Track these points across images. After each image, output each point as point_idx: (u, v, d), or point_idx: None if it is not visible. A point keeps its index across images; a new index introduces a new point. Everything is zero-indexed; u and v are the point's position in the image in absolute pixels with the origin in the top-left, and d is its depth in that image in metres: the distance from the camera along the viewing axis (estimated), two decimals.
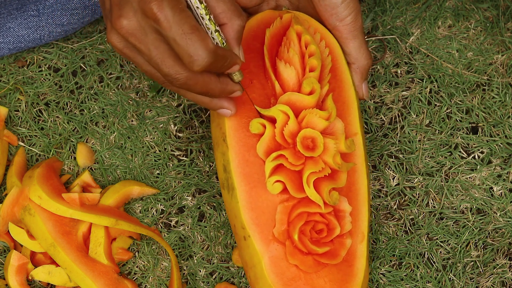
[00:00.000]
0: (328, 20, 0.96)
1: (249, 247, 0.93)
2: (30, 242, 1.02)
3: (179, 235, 1.06)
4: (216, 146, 0.95)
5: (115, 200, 1.04)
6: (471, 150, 1.07)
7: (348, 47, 0.97)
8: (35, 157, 1.07)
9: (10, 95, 1.08)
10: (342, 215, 0.94)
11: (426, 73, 1.09)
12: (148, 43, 0.83)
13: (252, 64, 0.95)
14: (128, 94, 1.08)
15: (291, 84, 0.93)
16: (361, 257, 0.94)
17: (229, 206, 0.94)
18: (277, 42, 0.96)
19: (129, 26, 0.82)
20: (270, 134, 0.92)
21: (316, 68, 0.93)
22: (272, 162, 0.91)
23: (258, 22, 0.96)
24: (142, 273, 1.05)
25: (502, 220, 1.06)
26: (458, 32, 1.10)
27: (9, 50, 1.07)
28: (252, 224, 0.92)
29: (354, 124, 0.96)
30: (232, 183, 0.93)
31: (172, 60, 0.83)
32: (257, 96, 0.94)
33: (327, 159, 0.92)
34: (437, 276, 1.05)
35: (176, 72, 0.84)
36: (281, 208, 0.92)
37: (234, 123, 0.93)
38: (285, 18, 0.96)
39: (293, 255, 0.92)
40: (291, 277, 0.92)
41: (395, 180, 1.07)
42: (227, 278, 1.05)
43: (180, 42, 0.81)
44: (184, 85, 0.85)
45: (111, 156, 1.07)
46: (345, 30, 0.96)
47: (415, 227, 1.06)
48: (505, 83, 1.09)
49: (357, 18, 0.96)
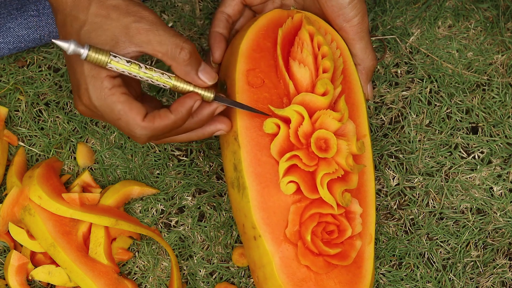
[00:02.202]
0: (335, 20, 0.96)
1: (259, 247, 0.93)
2: (30, 242, 1.02)
3: (179, 235, 1.06)
4: (226, 144, 0.94)
5: (115, 200, 1.04)
6: (471, 150, 1.07)
7: (355, 48, 0.97)
8: (35, 157, 1.07)
9: (10, 95, 1.08)
10: (353, 217, 0.94)
11: (426, 73, 1.09)
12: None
13: (263, 63, 0.94)
14: None
15: (304, 85, 0.93)
16: (369, 258, 0.95)
17: (238, 206, 0.94)
18: (289, 42, 0.96)
19: (83, 111, 0.89)
20: (284, 134, 0.92)
21: (329, 69, 0.93)
22: (286, 162, 0.91)
23: (268, 21, 0.96)
24: (142, 273, 1.05)
25: (502, 220, 1.06)
26: (458, 32, 1.10)
27: (9, 50, 1.07)
28: (263, 224, 0.92)
29: (363, 126, 0.96)
30: (244, 182, 0.92)
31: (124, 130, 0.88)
32: (269, 96, 0.94)
33: (340, 161, 0.92)
34: (437, 276, 1.05)
35: (136, 137, 0.88)
36: (294, 208, 0.92)
37: (246, 122, 0.93)
38: (296, 18, 0.96)
39: (305, 255, 0.92)
40: (302, 278, 0.92)
41: (395, 180, 1.07)
42: (227, 278, 1.05)
43: (117, 127, 0.87)
44: (151, 141, 0.89)
45: (111, 156, 1.07)
46: (352, 31, 0.96)
47: (415, 227, 1.06)
48: (505, 83, 1.09)
49: (364, 19, 0.96)
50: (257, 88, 0.93)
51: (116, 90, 0.85)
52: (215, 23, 0.98)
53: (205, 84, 0.88)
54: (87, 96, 0.86)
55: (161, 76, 0.87)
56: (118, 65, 0.85)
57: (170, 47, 0.86)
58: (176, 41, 0.86)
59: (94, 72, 0.85)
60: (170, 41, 0.86)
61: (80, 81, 0.86)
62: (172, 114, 0.87)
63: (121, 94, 0.85)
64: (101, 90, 0.85)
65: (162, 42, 0.86)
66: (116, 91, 0.85)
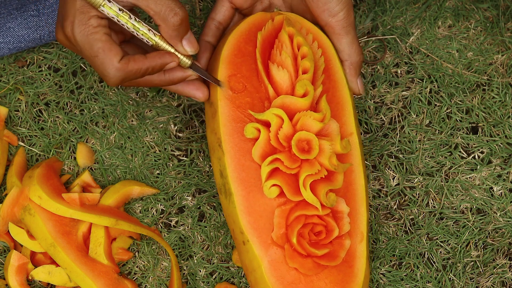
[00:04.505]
0: (320, 16, 0.96)
1: (248, 252, 0.93)
2: (30, 242, 1.02)
3: (179, 235, 1.06)
4: (212, 151, 0.95)
5: (115, 200, 1.04)
6: (471, 150, 1.07)
7: (341, 43, 0.97)
8: (35, 157, 1.07)
9: (10, 95, 1.08)
10: (340, 216, 0.94)
11: (426, 73, 1.09)
12: None
13: (245, 68, 0.95)
14: (128, 94, 1.08)
15: (284, 87, 0.93)
16: (361, 257, 0.94)
17: (227, 211, 0.94)
18: (270, 44, 0.96)
19: (62, 41, 0.91)
20: (265, 138, 0.92)
21: (309, 70, 0.93)
22: (268, 166, 0.91)
23: (250, 25, 0.96)
24: (142, 273, 1.05)
25: (502, 220, 1.06)
26: (458, 32, 1.10)
27: (9, 50, 1.07)
28: (250, 229, 0.92)
29: (349, 124, 0.96)
30: (229, 188, 0.92)
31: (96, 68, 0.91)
32: (251, 100, 0.94)
33: (323, 161, 0.92)
34: (437, 276, 1.05)
35: (108, 78, 0.90)
36: (279, 211, 0.92)
37: (229, 129, 0.93)
38: (276, 20, 0.96)
39: (293, 258, 0.92)
40: (291, 281, 0.92)
41: (395, 180, 1.07)
42: (227, 278, 1.05)
43: (91, 63, 0.89)
44: (121, 84, 0.91)
45: (111, 156, 1.07)
46: (338, 26, 0.97)
47: (415, 227, 1.06)
48: (505, 83, 1.09)
49: (349, 13, 0.97)
50: (239, 93, 0.94)
51: (100, 29, 0.88)
52: (204, 31, 1.00)
53: (186, 52, 0.92)
54: (71, 28, 0.88)
55: (147, 31, 0.90)
56: (110, 10, 0.88)
57: (164, 8, 0.88)
58: (171, 5, 0.89)
59: (85, 9, 0.88)
60: (166, 3, 0.88)
61: (68, 13, 0.88)
62: (146, 60, 0.90)
63: (103, 34, 0.88)
64: (86, 26, 0.88)
65: (158, 2, 0.88)
66: (100, 30, 0.88)
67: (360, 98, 1.08)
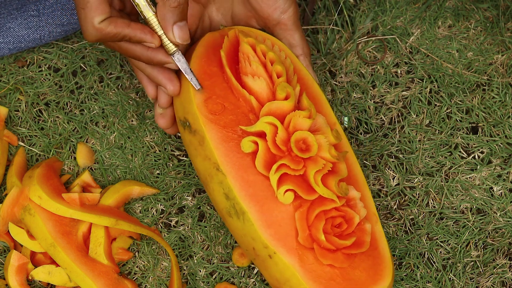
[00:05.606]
0: (272, 15, 0.98)
1: (277, 264, 0.93)
2: (30, 242, 1.02)
3: (179, 235, 1.06)
4: (210, 178, 0.94)
5: (115, 200, 1.04)
6: (471, 150, 1.07)
7: (295, 38, 1.00)
8: (35, 157, 1.07)
9: (10, 95, 1.08)
10: (354, 203, 0.95)
11: (426, 73, 1.09)
12: None
13: (217, 88, 0.95)
14: (128, 94, 1.08)
15: (265, 95, 0.94)
16: (381, 237, 0.96)
17: (241, 232, 0.94)
18: (232, 60, 0.96)
19: None
20: (264, 148, 0.92)
21: (282, 73, 0.94)
22: (276, 174, 0.92)
23: (205, 48, 0.97)
24: (142, 273, 1.05)
25: (502, 220, 1.06)
26: (458, 32, 1.10)
27: (9, 50, 1.07)
28: (273, 240, 0.92)
29: (329, 115, 0.98)
30: (241, 208, 0.92)
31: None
32: (235, 117, 0.94)
33: (324, 155, 0.93)
34: (437, 276, 1.05)
35: (86, 34, 0.88)
36: (299, 214, 0.92)
37: (222, 150, 0.93)
38: (231, 35, 0.97)
39: (324, 256, 0.92)
40: (329, 277, 0.92)
41: (395, 180, 1.07)
42: (227, 278, 1.05)
43: (77, 13, 0.87)
44: (99, 42, 0.89)
45: (111, 156, 1.07)
46: (290, 22, 0.99)
47: (415, 227, 1.06)
48: (505, 83, 1.09)
49: (296, 7, 1.00)
50: (220, 115, 0.94)
51: None
52: None
53: (173, 38, 0.90)
54: None
55: (145, 5, 0.89)
56: None
57: None
58: None
59: None
60: None
61: None
62: (127, 29, 0.89)
63: None
64: None
65: None
66: None
67: (360, 98, 1.08)
